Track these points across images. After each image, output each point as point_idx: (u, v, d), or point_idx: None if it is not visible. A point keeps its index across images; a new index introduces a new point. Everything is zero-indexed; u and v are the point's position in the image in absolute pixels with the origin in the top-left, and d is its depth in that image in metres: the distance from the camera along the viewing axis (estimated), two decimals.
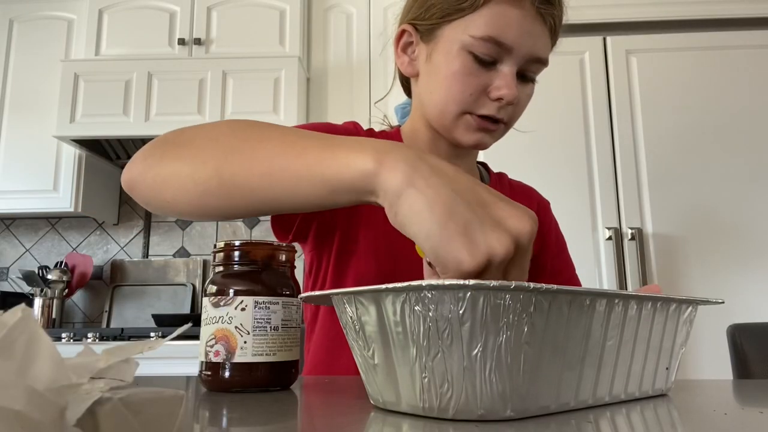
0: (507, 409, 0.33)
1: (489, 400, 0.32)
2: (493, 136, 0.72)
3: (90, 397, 0.20)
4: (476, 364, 0.32)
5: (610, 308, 0.37)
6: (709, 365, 1.75)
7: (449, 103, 0.69)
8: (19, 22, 2.47)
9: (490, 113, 0.68)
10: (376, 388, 0.38)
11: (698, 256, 1.84)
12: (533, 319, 0.32)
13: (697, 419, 0.36)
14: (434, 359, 0.33)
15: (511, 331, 0.32)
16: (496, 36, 0.65)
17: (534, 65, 0.69)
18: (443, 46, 0.69)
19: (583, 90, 1.98)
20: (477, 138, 0.71)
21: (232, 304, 0.48)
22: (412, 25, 0.73)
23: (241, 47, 2.33)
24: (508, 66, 0.67)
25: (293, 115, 2.19)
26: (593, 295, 0.35)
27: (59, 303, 2.40)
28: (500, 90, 0.66)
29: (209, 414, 0.39)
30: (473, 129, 0.70)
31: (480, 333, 0.32)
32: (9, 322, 0.19)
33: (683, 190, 1.89)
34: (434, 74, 0.70)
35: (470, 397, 0.33)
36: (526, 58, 0.67)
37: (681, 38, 2.00)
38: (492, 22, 0.65)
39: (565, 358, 0.35)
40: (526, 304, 0.32)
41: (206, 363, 0.48)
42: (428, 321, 0.32)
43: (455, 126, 0.71)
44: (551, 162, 1.92)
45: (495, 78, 0.67)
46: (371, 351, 0.37)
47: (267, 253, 0.51)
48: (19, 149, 2.35)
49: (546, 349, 0.34)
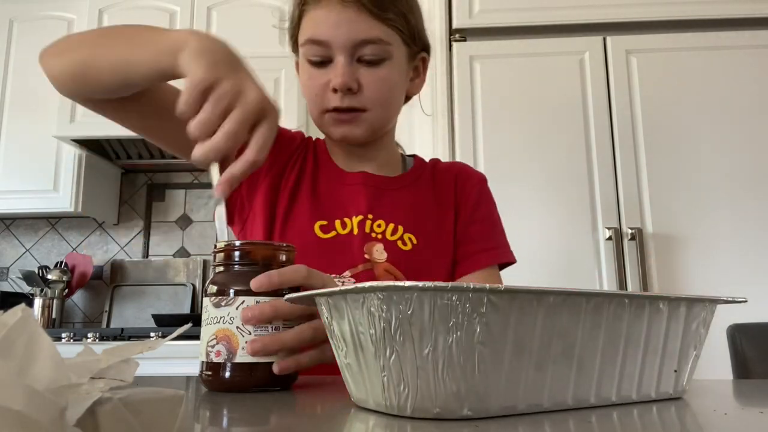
0: (464, 408, 0.33)
1: (443, 399, 0.33)
2: (359, 126, 0.77)
3: (90, 397, 0.20)
4: (428, 364, 0.33)
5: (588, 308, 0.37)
6: (709, 365, 1.74)
7: (311, 108, 0.78)
8: (19, 22, 2.47)
9: (336, 105, 0.74)
10: (350, 387, 0.40)
11: (698, 256, 1.84)
12: (487, 318, 0.32)
13: (696, 419, 0.36)
14: (390, 359, 0.34)
15: (461, 331, 0.32)
16: (312, 36, 0.74)
17: (366, 47, 0.73)
18: (300, 64, 0.79)
19: (583, 90, 1.97)
20: (342, 131, 0.77)
21: (234, 304, 0.48)
22: (294, 52, 0.83)
23: (241, 47, 2.32)
24: (338, 58, 0.73)
25: (293, 115, 2.19)
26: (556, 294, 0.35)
27: (59, 303, 2.40)
28: (333, 80, 0.73)
29: (210, 414, 0.39)
30: (335, 123, 0.77)
31: (430, 333, 0.32)
32: (9, 322, 0.19)
33: (683, 190, 1.89)
34: (301, 88, 0.80)
35: (425, 395, 0.33)
36: (348, 44, 0.72)
37: (681, 38, 1.99)
38: (307, 27, 0.75)
39: (532, 359, 0.35)
40: (476, 304, 0.32)
41: (207, 363, 0.48)
42: (382, 322, 0.33)
43: (323, 125, 0.79)
44: (551, 162, 1.92)
45: (331, 72, 0.74)
46: (343, 351, 0.39)
47: (267, 253, 0.51)
48: (19, 149, 2.35)
49: (506, 349, 0.34)
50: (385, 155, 0.86)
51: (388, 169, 0.86)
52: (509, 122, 1.93)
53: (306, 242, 0.75)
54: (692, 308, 0.43)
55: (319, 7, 0.73)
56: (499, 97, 1.95)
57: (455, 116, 1.93)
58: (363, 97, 0.74)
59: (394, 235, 0.78)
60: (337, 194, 0.81)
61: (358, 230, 0.77)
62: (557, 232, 1.83)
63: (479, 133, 1.92)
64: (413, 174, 0.86)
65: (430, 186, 0.85)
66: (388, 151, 0.87)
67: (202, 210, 2.62)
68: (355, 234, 0.77)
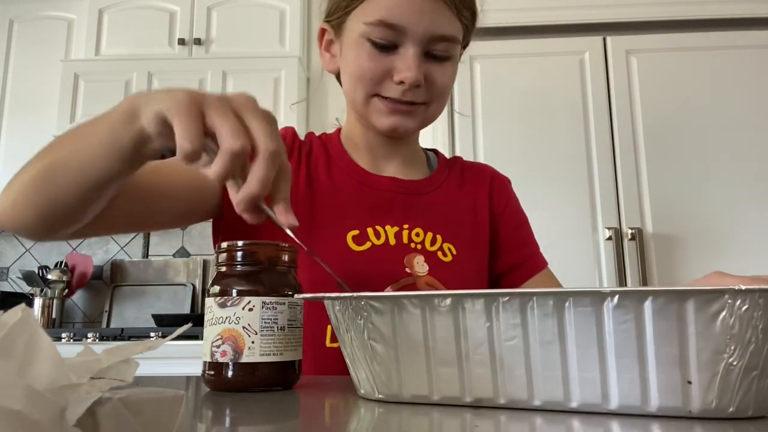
0: (376, 392, 0.41)
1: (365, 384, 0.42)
2: (413, 119, 0.71)
3: (90, 397, 0.20)
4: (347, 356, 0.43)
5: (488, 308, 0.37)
6: None
7: (356, 90, 0.70)
8: (19, 22, 2.47)
9: (395, 96, 0.68)
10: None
11: (698, 256, 1.84)
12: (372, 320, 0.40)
13: (697, 419, 0.36)
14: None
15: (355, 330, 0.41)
16: (387, 18, 0.65)
17: (440, 44, 0.67)
18: (347, 38, 0.70)
19: (583, 90, 1.98)
20: (392, 121, 0.70)
21: (240, 304, 0.48)
22: (328, 22, 0.74)
23: (241, 47, 2.33)
24: (408, 48, 0.66)
25: (293, 115, 2.19)
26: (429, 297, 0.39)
27: (59, 303, 2.40)
28: (401, 73, 0.66)
29: (211, 414, 0.39)
30: (386, 113, 0.70)
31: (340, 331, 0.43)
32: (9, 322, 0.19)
33: (683, 190, 1.89)
34: (345, 66, 0.72)
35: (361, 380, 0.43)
36: (425, 36, 0.66)
37: (681, 38, 1.99)
38: (381, 6, 0.66)
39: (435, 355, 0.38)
40: (357, 309, 0.40)
41: (211, 363, 0.48)
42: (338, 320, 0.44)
43: (368, 111, 0.71)
44: (551, 162, 1.92)
45: (397, 61, 0.67)
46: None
47: (272, 253, 0.51)
48: (19, 149, 2.35)
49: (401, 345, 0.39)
50: (410, 151, 0.80)
51: (414, 167, 0.80)
52: (509, 122, 1.93)
53: (341, 258, 0.68)
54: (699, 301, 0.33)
55: None
56: (499, 97, 1.95)
57: (455, 116, 1.93)
58: (426, 93, 0.69)
59: (434, 246, 0.73)
60: (363, 197, 0.74)
61: (395, 241, 0.72)
62: (557, 232, 1.83)
63: (479, 133, 1.92)
64: (441, 174, 0.81)
65: (459, 187, 0.81)
66: (414, 147, 0.82)
67: None
68: (392, 245, 0.71)
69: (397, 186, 0.76)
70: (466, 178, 0.83)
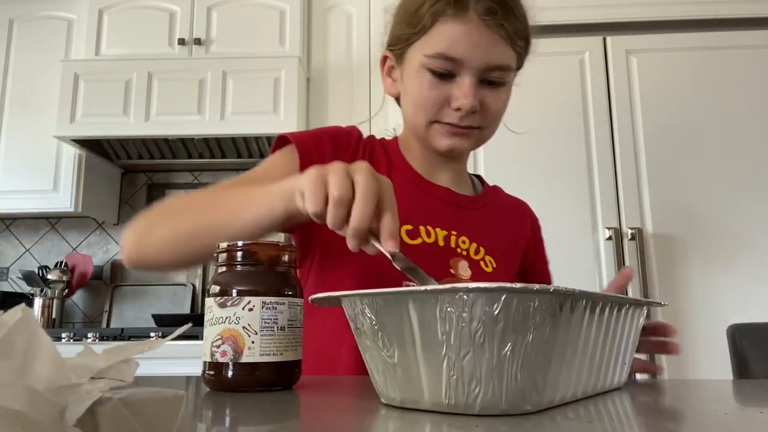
0: (526, 404, 0.35)
1: (512, 396, 0.34)
2: (469, 141, 0.76)
3: (90, 397, 0.20)
4: (505, 362, 0.34)
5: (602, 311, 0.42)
6: (709, 365, 1.75)
7: (417, 116, 0.75)
8: (19, 22, 2.47)
9: (453, 121, 0.73)
10: (393, 387, 0.39)
11: (698, 256, 1.84)
12: (555, 320, 0.35)
13: (697, 419, 0.36)
14: (464, 358, 0.34)
15: (537, 331, 0.34)
16: (445, 52, 0.70)
17: (495, 72, 0.72)
18: (408, 68, 0.76)
19: (583, 90, 1.98)
20: (451, 143, 0.75)
21: (240, 304, 0.48)
22: (390, 50, 0.80)
23: (241, 47, 2.32)
24: (465, 77, 0.71)
25: (293, 115, 2.19)
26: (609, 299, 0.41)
27: (59, 303, 2.40)
28: (458, 101, 0.71)
29: (211, 414, 0.39)
30: (445, 135, 0.75)
31: (511, 333, 0.34)
32: (9, 322, 0.19)
33: (683, 190, 1.89)
34: (406, 93, 0.78)
35: (496, 393, 0.34)
36: (482, 67, 0.71)
37: (681, 38, 1.99)
38: (440, 40, 0.71)
39: (564, 356, 0.37)
40: (549, 306, 0.34)
41: (211, 363, 0.48)
42: (461, 322, 0.34)
43: (428, 135, 0.76)
44: (551, 162, 1.92)
45: (454, 89, 0.72)
46: (389, 351, 0.38)
47: (272, 253, 0.51)
48: (19, 149, 2.35)
49: (558, 348, 0.36)
50: (460, 169, 0.86)
51: (462, 184, 0.86)
52: (509, 122, 1.93)
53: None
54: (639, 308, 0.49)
55: (459, 22, 0.70)
56: None
57: None
58: (480, 118, 0.74)
59: (477, 255, 0.78)
60: (418, 199, 0.79)
61: (444, 243, 0.76)
62: (557, 232, 1.83)
63: None
64: (486, 196, 0.87)
65: (502, 212, 0.87)
66: (462, 166, 0.87)
67: None
68: (440, 245, 0.76)
69: (450, 196, 0.81)
70: (510, 208, 0.90)
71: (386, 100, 0.92)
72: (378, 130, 0.94)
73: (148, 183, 2.65)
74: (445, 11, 0.70)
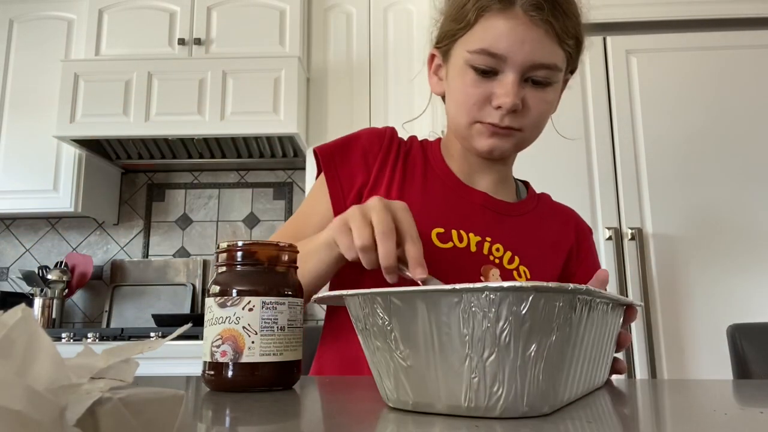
0: (545, 406, 0.34)
1: (533, 397, 0.34)
2: (509, 141, 0.74)
3: (90, 397, 0.20)
4: (528, 363, 0.33)
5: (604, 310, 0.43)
6: (709, 365, 1.75)
7: (459, 114, 0.74)
8: (19, 22, 2.47)
9: (494, 121, 0.71)
10: (405, 391, 0.37)
11: (698, 256, 1.84)
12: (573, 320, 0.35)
13: (697, 419, 0.36)
14: (488, 360, 0.33)
15: (560, 331, 0.34)
16: (489, 47, 0.68)
17: (540, 71, 0.70)
18: (453, 65, 0.74)
19: (583, 90, 1.98)
20: (490, 143, 0.73)
21: (240, 304, 0.48)
22: (437, 48, 0.79)
23: (241, 47, 2.33)
24: (508, 75, 0.69)
25: (293, 115, 2.19)
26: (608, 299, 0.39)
27: (59, 303, 2.40)
28: (499, 98, 0.69)
29: (211, 414, 0.39)
30: (485, 135, 0.73)
31: (537, 333, 0.33)
32: (9, 322, 0.19)
33: (683, 190, 1.89)
34: (450, 90, 0.76)
35: (518, 395, 0.33)
36: (525, 65, 0.69)
37: (681, 38, 1.99)
38: (484, 35, 0.69)
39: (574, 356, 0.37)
40: (569, 306, 0.34)
41: (211, 363, 0.48)
42: (486, 321, 0.33)
43: (469, 135, 0.74)
44: (551, 162, 1.92)
45: (496, 87, 0.70)
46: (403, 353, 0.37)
47: (272, 253, 0.51)
48: (19, 149, 2.35)
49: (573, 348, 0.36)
50: (503, 174, 0.84)
51: (504, 189, 0.84)
52: None
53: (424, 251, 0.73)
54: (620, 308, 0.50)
55: (504, 18, 0.68)
56: None
57: None
58: (523, 118, 0.71)
59: (511, 264, 0.76)
60: (453, 203, 0.78)
61: (476, 248, 0.74)
62: None
63: None
64: (530, 203, 0.85)
65: (545, 221, 0.84)
66: (506, 171, 0.85)
67: (202, 210, 2.62)
68: (472, 251, 0.74)
69: (487, 201, 0.79)
70: (555, 216, 0.87)
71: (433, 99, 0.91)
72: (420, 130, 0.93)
73: (148, 183, 2.65)
74: (491, 6, 0.69)
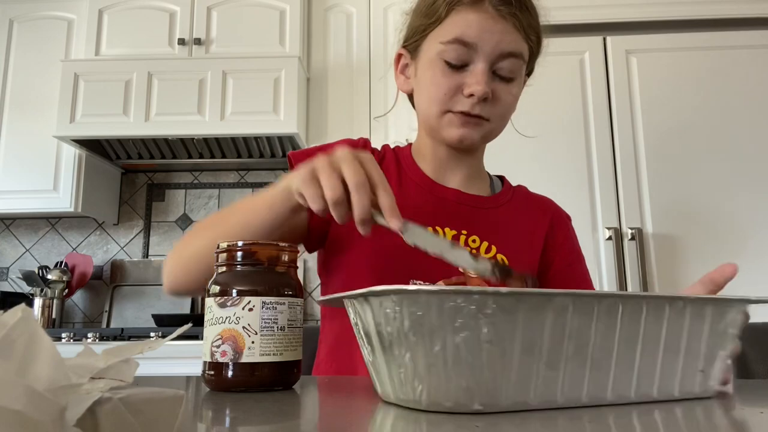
0: (474, 403, 0.35)
1: (455, 394, 0.35)
2: (478, 132, 0.77)
3: (90, 397, 0.20)
4: (439, 361, 0.35)
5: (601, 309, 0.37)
6: None
7: (431, 105, 0.77)
8: (19, 22, 2.47)
9: (465, 109, 0.74)
10: (375, 383, 0.42)
11: (698, 256, 1.84)
12: (493, 319, 0.34)
13: (697, 419, 0.36)
14: (405, 356, 0.36)
15: (469, 330, 0.34)
16: (460, 36, 0.72)
17: (507, 61, 0.74)
18: (423, 59, 0.78)
19: (583, 90, 1.98)
20: (460, 133, 0.76)
21: (240, 304, 0.48)
22: (405, 47, 0.82)
23: (241, 47, 2.32)
24: (478, 64, 0.73)
25: (293, 115, 2.19)
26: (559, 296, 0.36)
27: (59, 303, 2.40)
28: (471, 87, 0.73)
29: (211, 414, 0.39)
30: (456, 125, 0.76)
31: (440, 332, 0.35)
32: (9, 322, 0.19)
33: (683, 190, 1.89)
34: (420, 84, 0.79)
35: (437, 390, 0.35)
36: (494, 53, 0.73)
37: (681, 38, 1.99)
38: (455, 26, 0.73)
39: (543, 358, 0.36)
40: (481, 306, 0.34)
41: (211, 363, 0.48)
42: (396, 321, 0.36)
43: (440, 125, 0.77)
44: (551, 162, 1.92)
45: (467, 77, 0.73)
46: (368, 349, 0.41)
47: (272, 253, 0.51)
48: (19, 149, 2.35)
49: (515, 348, 0.35)
50: (474, 168, 0.86)
51: (476, 184, 0.86)
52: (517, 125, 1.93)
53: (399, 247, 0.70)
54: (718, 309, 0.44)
55: (473, 11, 0.73)
56: None
57: None
58: (493, 108, 0.75)
59: (488, 254, 0.78)
60: (428, 204, 0.80)
61: None
62: None
63: None
64: (504, 196, 0.87)
65: (520, 212, 0.86)
66: (477, 164, 0.88)
67: (202, 210, 2.62)
68: None
69: (461, 197, 0.82)
70: (529, 206, 0.89)
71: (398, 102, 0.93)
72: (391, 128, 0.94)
73: (148, 183, 2.65)
74: (461, 1, 0.73)
